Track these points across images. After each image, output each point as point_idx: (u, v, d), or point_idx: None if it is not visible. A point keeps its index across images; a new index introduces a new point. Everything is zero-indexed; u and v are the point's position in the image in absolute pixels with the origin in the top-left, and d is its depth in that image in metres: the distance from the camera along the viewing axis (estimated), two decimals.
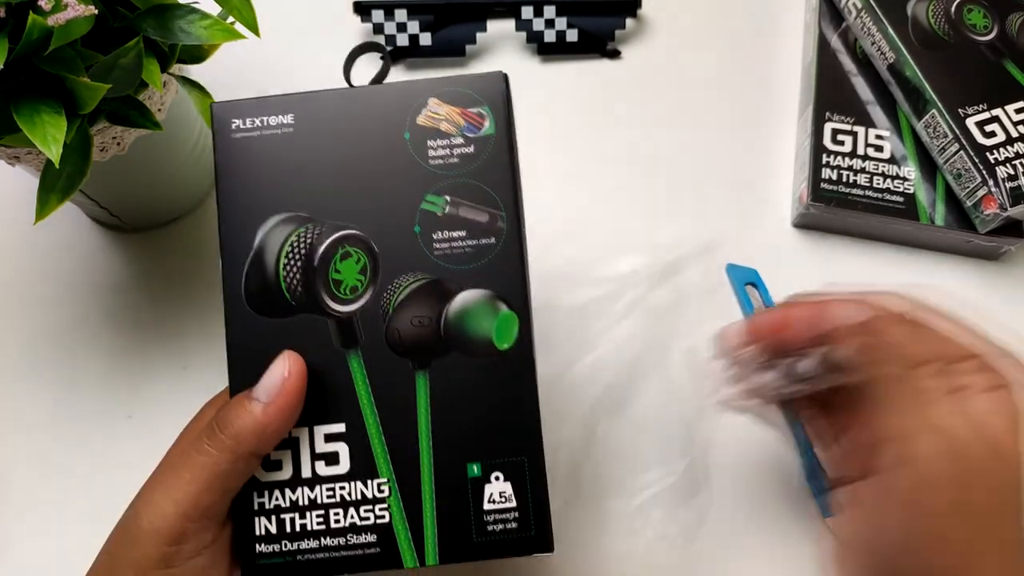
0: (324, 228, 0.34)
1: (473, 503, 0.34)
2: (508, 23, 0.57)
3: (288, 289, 0.34)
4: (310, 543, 0.34)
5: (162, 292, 0.50)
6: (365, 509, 0.34)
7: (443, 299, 0.34)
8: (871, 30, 0.53)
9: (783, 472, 0.47)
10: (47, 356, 0.49)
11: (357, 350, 0.34)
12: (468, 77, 0.35)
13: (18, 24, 0.34)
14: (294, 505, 0.34)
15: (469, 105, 0.35)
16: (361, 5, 0.55)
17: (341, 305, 0.34)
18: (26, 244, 0.51)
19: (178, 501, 0.31)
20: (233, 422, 0.31)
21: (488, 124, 0.35)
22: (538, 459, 0.34)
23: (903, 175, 0.51)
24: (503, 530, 0.34)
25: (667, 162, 0.54)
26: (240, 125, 0.35)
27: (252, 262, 0.35)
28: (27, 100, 0.35)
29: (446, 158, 0.35)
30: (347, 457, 0.34)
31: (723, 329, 0.38)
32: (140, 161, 0.44)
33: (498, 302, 0.34)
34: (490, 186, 0.35)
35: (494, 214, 0.35)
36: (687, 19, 0.59)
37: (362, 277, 0.34)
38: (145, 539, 0.31)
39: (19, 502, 0.46)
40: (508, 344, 0.34)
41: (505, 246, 0.35)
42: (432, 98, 0.35)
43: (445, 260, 0.34)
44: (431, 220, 0.35)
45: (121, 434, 0.47)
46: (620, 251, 0.52)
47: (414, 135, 0.35)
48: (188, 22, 0.37)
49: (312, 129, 0.35)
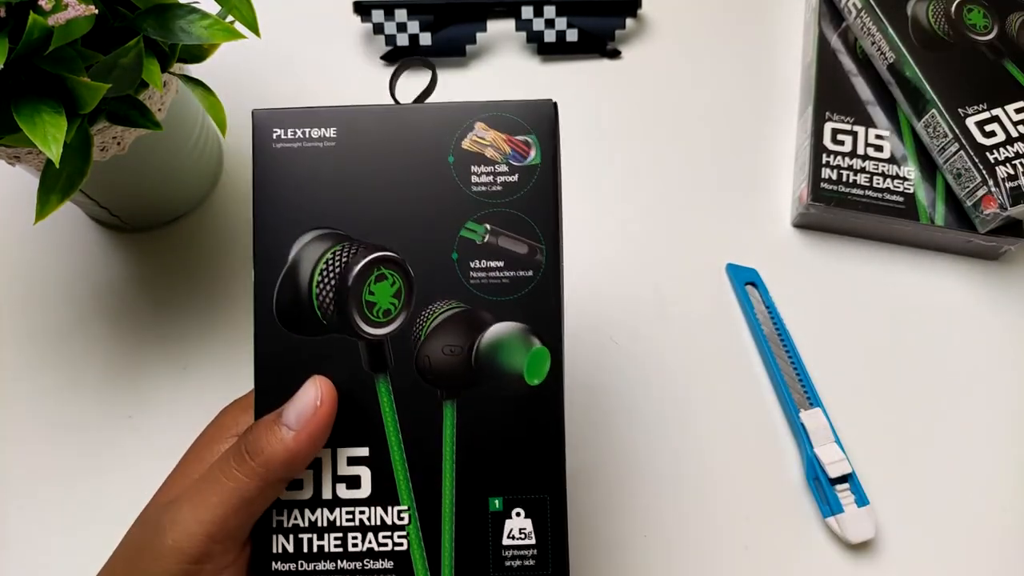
0: (360, 248, 0.34)
1: (492, 537, 0.34)
2: (508, 23, 0.57)
3: (320, 308, 0.34)
4: (326, 565, 0.34)
5: (162, 292, 0.50)
6: (384, 535, 0.34)
7: (476, 329, 0.34)
8: (871, 30, 0.53)
9: (783, 472, 0.47)
10: (47, 356, 0.49)
11: (386, 375, 0.34)
12: (517, 103, 0.35)
13: (18, 24, 0.34)
14: (313, 526, 0.34)
15: (516, 132, 0.35)
16: (361, 5, 0.55)
17: (373, 328, 0.34)
18: (26, 244, 0.51)
19: (204, 523, 0.31)
20: (264, 449, 0.31)
21: (534, 154, 0.35)
22: (561, 497, 0.34)
23: (903, 175, 0.51)
24: (520, 567, 0.34)
25: (666, 162, 0.54)
26: (281, 135, 0.34)
27: (285, 277, 0.34)
28: (27, 100, 0.35)
29: (489, 185, 0.34)
30: (369, 482, 0.34)
31: None
32: (140, 161, 0.44)
33: (532, 337, 0.34)
34: (532, 217, 0.34)
35: (534, 247, 0.34)
36: (687, 19, 0.59)
37: (396, 301, 0.34)
38: (169, 555, 0.31)
39: (19, 502, 0.46)
40: (539, 380, 0.34)
41: (543, 280, 0.34)
42: (479, 122, 0.34)
43: (481, 290, 0.34)
44: (470, 248, 0.34)
45: (121, 434, 0.47)
46: (619, 250, 0.52)
47: (458, 159, 0.34)
48: (188, 22, 0.37)
49: (355, 144, 0.34)
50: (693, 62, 0.57)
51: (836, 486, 0.45)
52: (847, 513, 0.45)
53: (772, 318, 0.49)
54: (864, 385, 0.49)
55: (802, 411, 0.47)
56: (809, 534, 0.46)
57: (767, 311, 0.50)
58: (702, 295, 0.51)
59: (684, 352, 0.49)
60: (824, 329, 0.50)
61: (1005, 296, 0.51)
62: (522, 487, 0.34)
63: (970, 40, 0.51)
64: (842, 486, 0.45)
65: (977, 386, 0.49)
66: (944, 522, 0.46)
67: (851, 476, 0.45)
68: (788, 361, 0.48)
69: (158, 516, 0.33)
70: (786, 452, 0.47)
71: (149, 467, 0.40)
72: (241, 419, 0.35)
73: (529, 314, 0.34)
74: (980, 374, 0.49)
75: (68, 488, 0.46)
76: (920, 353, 0.50)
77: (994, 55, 0.51)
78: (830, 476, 0.45)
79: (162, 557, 0.31)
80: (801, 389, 0.48)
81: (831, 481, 0.45)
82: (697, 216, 0.53)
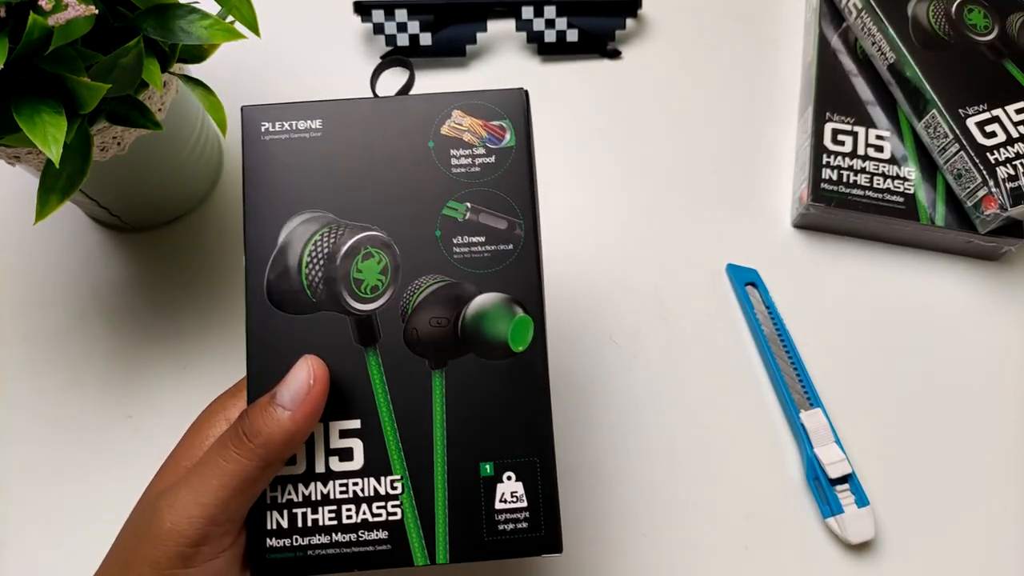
0: (347, 228, 0.35)
1: (485, 502, 0.34)
2: (508, 23, 0.57)
3: (310, 287, 0.35)
4: (321, 538, 0.34)
5: (162, 292, 0.50)
6: (378, 506, 0.34)
7: (461, 301, 0.35)
8: (871, 30, 0.53)
9: (783, 472, 0.47)
10: (47, 356, 0.49)
11: (375, 348, 0.35)
12: (491, 92, 0.37)
13: (18, 24, 0.34)
14: (306, 500, 0.34)
15: (491, 118, 0.36)
16: (361, 5, 0.55)
17: (361, 304, 0.35)
18: (26, 244, 0.51)
19: (205, 505, 0.31)
20: (262, 430, 0.32)
21: (508, 136, 0.36)
22: (549, 460, 0.35)
23: (903, 175, 0.51)
24: (513, 530, 0.34)
25: (667, 162, 0.54)
26: (269, 128, 0.36)
27: (275, 259, 0.35)
28: (27, 100, 0.35)
29: (468, 167, 0.36)
30: (361, 453, 0.34)
31: None
32: (140, 161, 0.44)
33: (514, 305, 0.35)
34: (509, 195, 0.36)
35: (512, 221, 0.36)
36: (687, 19, 0.59)
37: (383, 277, 0.35)
38: (167, 539, 0.31)
39: (18, 502, 0.46)
40: (523, 346, 0.35)
41: (522, 252, 0.36)
42: (456, 110, 0.36)
43: (464, 264, 0.36)
44: (452, 225, 0.36)
45: (121, 434, 0.47)
46: (619, 251, 0.52)
47: (438, 144, 0.36)
48: (188, 22, 0.37)
49: (340, 134, 0.36)
50: (693, 62, 0.57)
51: (836, 486, 0.45)
52: (847, 513, 0.45)
53: (772, 318, 0.49)
54: (864, 385, 0.49)
55: (802, 411, 0.47)
56: (809, 534, 0.46)
57: (767, 311, 0.50)
58: (702, 295, 0.51)
59: (684, 352, 0.49)
60: (824, 329, 0.50)
61: (1005, 296, 0.51)
62: (511, 451, 0.35)
63: (970, 40, 0.51)
64: (842, 486, 0.45)
65: (977, 386, 0.49)
66: (944, 522, 0.46)
67: (851, 476, 0.45)
68: (788, 361, 0.48)
69: (154, 503, 0.33)
70: (786, 452, 0.47)
71: (149, 467, 0.40)
72: (229, 405, 0.36)
73: (511, 285, 0.35)
74: (980, 374, 0.49)
75: (68, 488, 0.46)
76: (920, 353, 0.50)
77: (994, 55, 0.51)
78: (830, 476, 0.45)
79: (160, 541, 0.31)
80: (801, 389, 0.48)
81: (831, 481, 0.45)
82: (697, 216, 0.53)
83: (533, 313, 0.35)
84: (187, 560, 0.31)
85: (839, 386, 0.49)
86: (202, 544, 0.31)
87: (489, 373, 0.35)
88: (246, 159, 0.36)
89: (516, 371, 0.35)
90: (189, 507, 0.32)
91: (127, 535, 0.34)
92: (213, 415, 0.36)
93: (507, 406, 0.35)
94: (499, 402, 0.35)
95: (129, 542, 0.33)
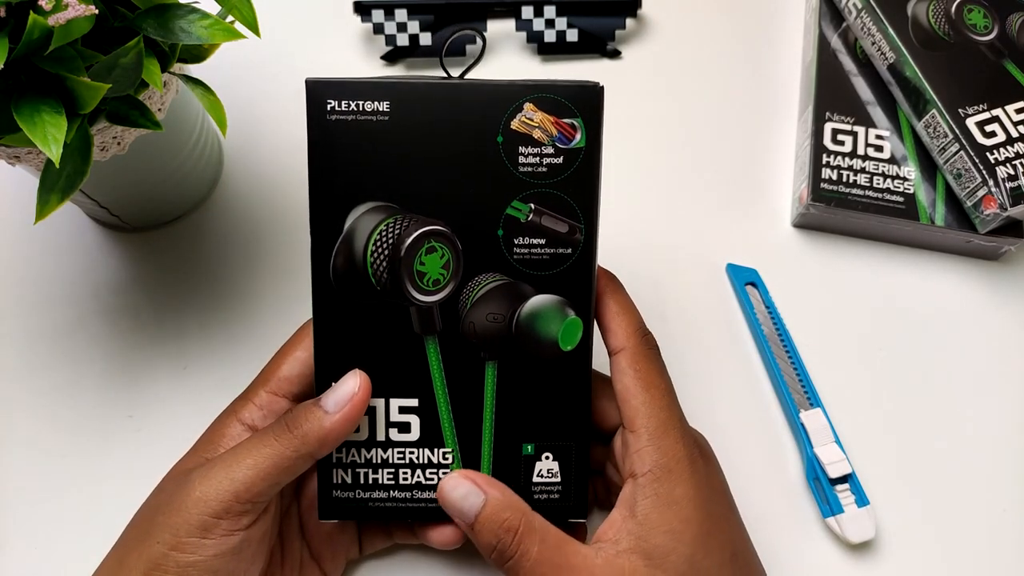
0: (412, 221, 0.36)
1: (524, 475, 0.38)
2: (508, 23, 0.57)
3: (374, 276, 0.37)
4: (380, 494, 0.38)
5: (162, 292, 0.50)
6: (430, 472, 0.38)
7: (517, 300, 0.37)
8: (871, 30, 0.53)
9: (783, 472, 0.47)
10: (46, 356, 0.49)
11: (434, 337, 0.37)
12: (566, 85, 0.36)
13: (18, 24, 0.34)
14: (368, 462, 0.38)
15: (563, 115, 0.36)
16: (361, 5, 0.55)
17: (423, 295, 0.37)
18: (26, 244, 0.51)
19: (235, 480, 0.34)
20: (302, 424, 0.35)
21: (579, 137, 0.36)
22: (585, 445, 0.38)
23: (903, 175, 0.51)
24: (547, 499, 0.38)
25: (666, 162, 0.54)
26: (335, 107, 0.36)
27: (340, 246, 0.36)
28: (27, 100, 0.35)
29: (535, 167, 0.36)
30: (418, 427, 0.38)
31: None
32: (140, 161, 0.44)
33: (567, 308, 0.37)
34: (573, 198, 0.37)
35: (574, 226, 0.37)
36: (687, 19, 0.59)
37: (444, 272, 0.37)
38: (192, 506, 0.33)
39: (18, 501, 0.46)
40: (571, 346, 0.37)
41: (580, 257, 0.37)
42: (528, 103, 0.36)
43: (523, 264, 0.37)
44: (514, 225, 0.37)
45: (121, 434, 0.47)
46: (619, 250, 0.52)
47: (507, 139, 0.36)
48: (188, 22, 0.37)
49: (407, 120, 0.36)
50: (693, 62, 0.57)
51: (836, 486, 0.45)
52: (847, 513, 0.45)
53: (772, 318, 0.49)
54: (864, 385, 0.49)
55: (802, 411, 0.47)
56: (809, 534, 0.46)
57: (767, 311, 0.50)
58: (702, 295, 0.51)
59: (684, 352, 0.49)
60: (824, 329, 0.50)
61: (1005, 296, 0.51)
62: (552, 435, 0.38)
63: (970, 40, 0.51)
64: (842, 486, 0.45)
65: (977, 386, 0.49)
66: (944, 522, 0.46)
67: (851, 476, 0.45)
68: (788, 361, 0.48)
69: (184, 476, 0.35)
70: (786, 452, 0.47)
71: (150, 466, 0.40)
72: (240, 407, 0.39)
73: (565, 288, 0.37)
74: (980, 374, 0.49)
75: (68, 488, 0.46)
76: (920, 353, 0.50)
77: (994, 55, 0.51)
78: (830, 476, 0.45)
79: (184, 508, 0.34)
80: (801, 389, 0.48)
81: (831, 481, 0.45)
82: (697, 216, 0.53)
83: (584, 316, 0.37)
84: (206, 531, 0.33)
85: (839, 386, 0.49)
86: (222, 517, 0.33)
87: (538, 367, 0.38)
88: (312, 138, 0.36)
89: (563, 367, 0.38)
90: (220, 479, 0.34)
91: (147, 508, 0.36)
92: (227, 417, 0.39)
93: (551, 397, 0.38)
94: (544, 394, 0.38)
95: (149, 513, 0.35)
